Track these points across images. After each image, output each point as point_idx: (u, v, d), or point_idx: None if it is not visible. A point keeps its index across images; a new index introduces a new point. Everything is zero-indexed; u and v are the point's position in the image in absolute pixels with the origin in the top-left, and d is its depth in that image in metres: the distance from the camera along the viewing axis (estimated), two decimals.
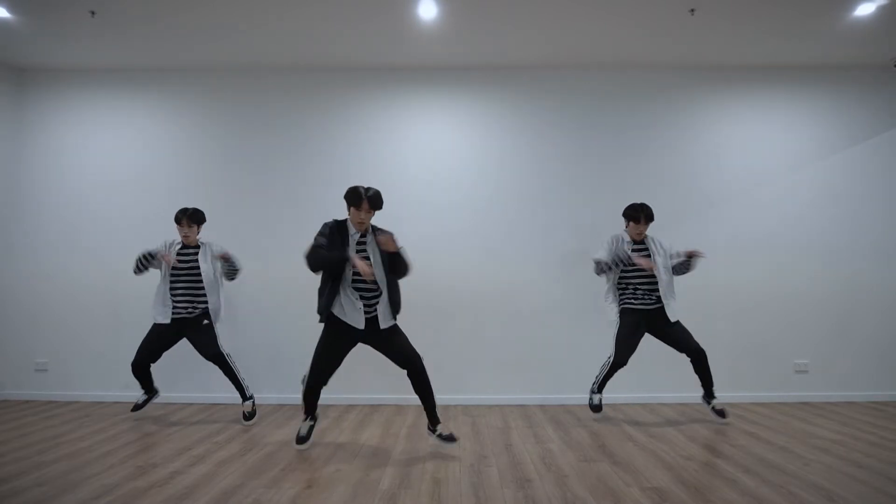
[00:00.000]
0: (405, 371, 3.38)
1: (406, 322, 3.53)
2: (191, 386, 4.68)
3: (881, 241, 4.88)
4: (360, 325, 3.31)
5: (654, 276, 4.02)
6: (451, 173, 4.88)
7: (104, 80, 5.03)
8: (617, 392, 4.74)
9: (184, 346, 4.13)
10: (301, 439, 3.44)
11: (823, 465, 3.04)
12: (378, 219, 4.02)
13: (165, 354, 4.20)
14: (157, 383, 4.41)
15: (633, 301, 4.06)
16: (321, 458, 3.20)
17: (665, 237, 4.25)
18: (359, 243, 3.37)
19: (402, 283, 3.51)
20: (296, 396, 4.69)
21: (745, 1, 3.94)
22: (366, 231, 3.39)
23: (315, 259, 3.27)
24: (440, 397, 4.53)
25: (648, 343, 4.76)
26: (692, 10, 4.04)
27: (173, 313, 4.03)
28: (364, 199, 3.28)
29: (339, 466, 3.06)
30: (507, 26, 4.29)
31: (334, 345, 3.37)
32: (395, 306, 3.42)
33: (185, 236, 4.09)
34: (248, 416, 4.07)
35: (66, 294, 4.87)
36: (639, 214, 4.07)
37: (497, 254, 4.84)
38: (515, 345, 4.77)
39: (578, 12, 4.10)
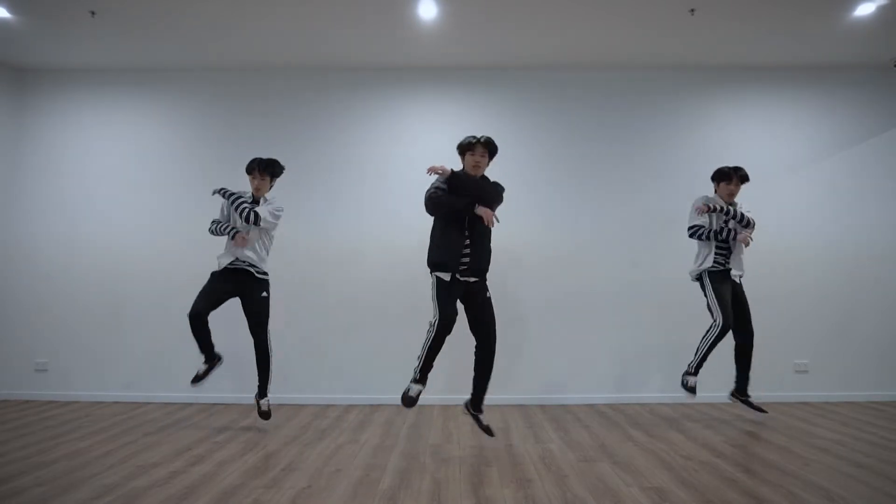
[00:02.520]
0: (477, 341, 3.42)
1: (406, 322, 3.53)
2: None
3: (882, 240, 4.88)
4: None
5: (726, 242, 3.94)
6: None
7: (104, 80, 5.04)
8: (617, 392, 4.74)
9: (185, 342, 4.06)
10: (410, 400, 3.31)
11: (823, 465, 3.04)
12: (377, 215, 4.01)
13: (161, 354, 4.18)
14: (157, 383, 4.41)
15: (721, 263, 3.95)
16: (321, 459, 3.20)
17: (665, 238, 4.24)
18: None
19: (402, 284, 3.50)
20: (294, 397, 4.72)
21: (745, 1, 3.95)
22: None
23: (437, 203, 3.26)
24: (438, 397, 4.56)
25: (651, 343, 4.77)
26: (692, 10, 4.04)
27: (229, 263, 3.81)
28: (477, 143, 3.32)
29: (339, 466, 3.06)
30: (507, 26, 4.30)
31: (451, 292, 3.30)
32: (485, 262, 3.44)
33: (256, 189, 3.88)
34: (266, 415, 3.88)
35: (66, 294, 4.87)
36: (731, 173, 3.97)
37: (497, 253, 4.83)
38: (515, 345, 4.77)
39: (578, 12, 4.10)
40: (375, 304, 4.71)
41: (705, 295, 3.97)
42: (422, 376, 3.33)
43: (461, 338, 4.77)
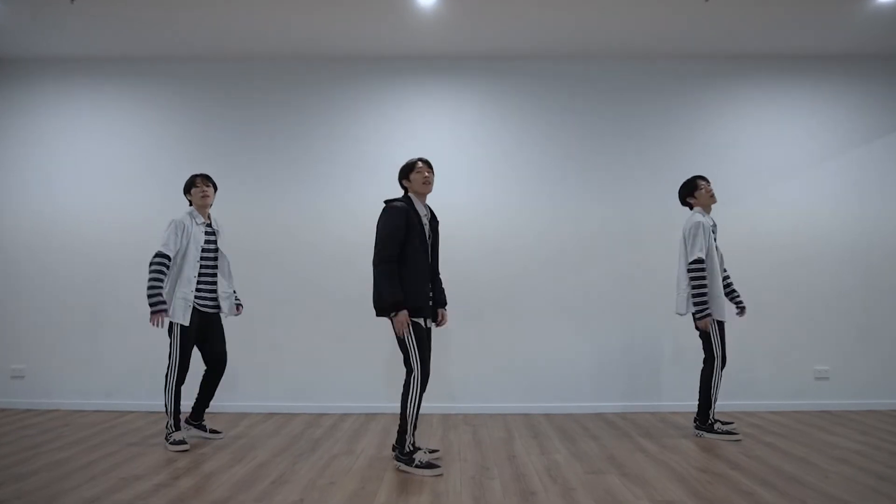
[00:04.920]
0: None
1: None
2: None
3: None
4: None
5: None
6: (450, 170, 4.88)
7: (84, 69, 5.04)
8: (627, 400, 4.75)
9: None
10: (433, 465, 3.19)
11: (844, 477, 3.05)
12: (376, 214, 3.99)
13: (145, 360, 4.16)
14: (140, 391, 4.39)
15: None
16: (314, 470, 3.21)
17: (677, 236, 4.24)
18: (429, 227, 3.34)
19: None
20: (286, 405, 4.72)
21: None
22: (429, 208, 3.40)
23: (381, 281, 3.14)
24: (439, 405, 4.56)
25: (662, 348, 4.78)
26: None
27: (198, 305, 3.72)
28: (419, 160, 3.34)
29: (334, 478, 3.06)
30: (510, 14, 4.30)
31: (424, 333, 3.23)
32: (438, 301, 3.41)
33: (203, 195, 3.80)
34: (216, 430, 3.96)
35: (44, 295, 4.87)
36: (702, 176, 4.06)
37: (500, 253, 4.85)
38: (519, 350, 4.77)
39: None
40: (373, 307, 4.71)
41: (711, 337, 3.88)
42: (414, 441, 3.21)
43: (459, 343, 4.79)
